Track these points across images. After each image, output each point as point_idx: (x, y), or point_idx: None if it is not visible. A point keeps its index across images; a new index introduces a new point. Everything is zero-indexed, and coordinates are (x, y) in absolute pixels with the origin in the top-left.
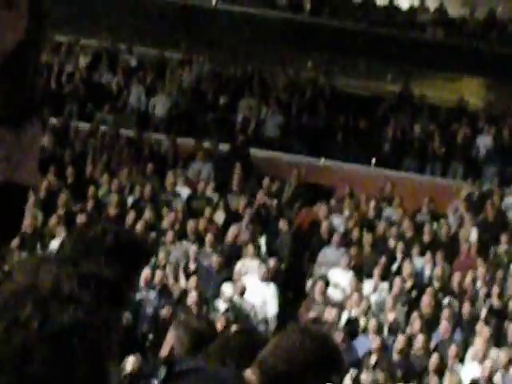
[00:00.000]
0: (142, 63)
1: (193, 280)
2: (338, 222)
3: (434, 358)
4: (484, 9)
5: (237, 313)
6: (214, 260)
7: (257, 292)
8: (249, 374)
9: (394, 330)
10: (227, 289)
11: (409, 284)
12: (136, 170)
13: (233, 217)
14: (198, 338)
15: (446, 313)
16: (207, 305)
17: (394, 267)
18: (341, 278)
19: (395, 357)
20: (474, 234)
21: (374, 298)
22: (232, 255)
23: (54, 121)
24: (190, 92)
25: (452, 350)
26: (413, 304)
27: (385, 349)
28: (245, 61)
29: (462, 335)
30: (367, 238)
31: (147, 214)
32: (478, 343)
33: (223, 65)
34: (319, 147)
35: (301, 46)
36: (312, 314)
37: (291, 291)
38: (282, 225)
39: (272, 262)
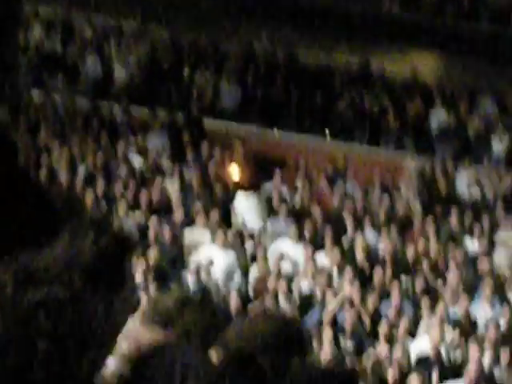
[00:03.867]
0: (97, 32)
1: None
2: (288, 193)
3: (384, 328)
4: None
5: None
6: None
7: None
8: (213, 354)
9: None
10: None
11: (361, 257)
12: (89, 139)
13: (187, 187)
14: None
15: (396, 286)
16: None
17: (346, 240)
18: (290, 250)
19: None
20: (422, 208)
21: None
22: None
23: (7, 90)
24: (145, 62)
25: (403, 322)
26: (365, 277)
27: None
28: (201, 31)
29: (412, 310)
30: (318, 211)
31: (99, 183)
32: (429, 318)
33: (179, 35)
34: (273, 119)
35: (257, 17)
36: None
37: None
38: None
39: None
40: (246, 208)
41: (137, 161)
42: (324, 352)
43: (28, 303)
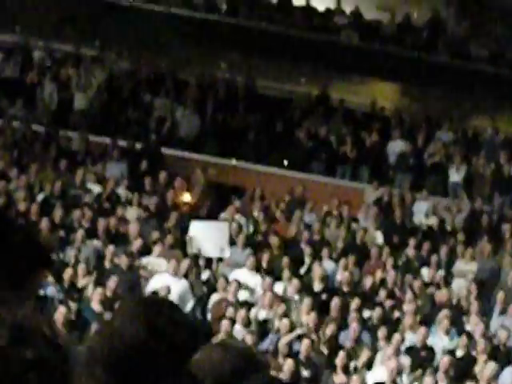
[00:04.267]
0: (55, 59)
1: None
2: (246, 222)
3: (342, 358)
4: (400, 13)
5: None
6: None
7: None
8: None
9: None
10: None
11: (319, 287)
12: (47, 167)
13: (147, 215)
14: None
15: (354, 316)
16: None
17: (303, 270)
18: (248, 279)
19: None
20: (381, 238)
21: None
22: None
23: None
24: (104, 90)
25: (364, 352)
26: (322, 307)
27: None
28: (159, 60)
29: (370, 339)
30: (275, 241)
31: (57, 211)
32: (387, 348)
33: (138, 63)
34: (232, 148)
35: (216, 45)
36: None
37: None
38: None
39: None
40: (202, 236)
41: (95, 189)
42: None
43: (21, 360)
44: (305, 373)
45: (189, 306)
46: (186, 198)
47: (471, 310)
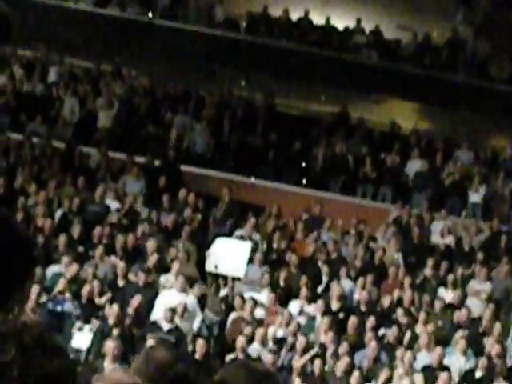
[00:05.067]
0: (76, 75)
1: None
2: (261, 240)
3: (356, 378)
4: (420, 33)
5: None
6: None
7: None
8: None
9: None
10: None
11: (336, 306)
12: (66, 183)
13: (165, 233)
14: (161, 371)
15: (370, 336)
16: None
17: (320, 289)
18: (263, 297)
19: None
20: (400, 258)
21: (300, 319)
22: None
23: None
24: (124, 106)
25: (383, 373)
26: (339, 326)
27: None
28: (179, 77)
29: (387, 358)
30: (294, 259)
31: (75, 227)
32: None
33: (158, 80)
34: (251, 166)
35: (236, 63)
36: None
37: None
38: None
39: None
40: (222, 254)
41: (114, 205)
42: None
43: None
44: None
45: (196, 322)
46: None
47: (488, 330)
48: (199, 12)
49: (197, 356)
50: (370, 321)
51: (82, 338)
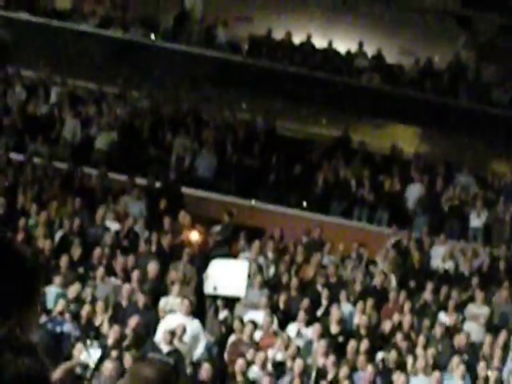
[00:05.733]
0: (78, 96)
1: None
2: (265, 263)
3: None
4: (421, 57)
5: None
6: (140, 298)
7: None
8: None
9: (322, 374)
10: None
11: (336, 329)
12: (67, 203)
13: (164, 254)
14: None
15: (363, 359)
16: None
17: (320, 312)
18: (262, 320)
19: None
20: (393, 280)
21: (298, 342)
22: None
23: None
24: (125, 128)
25: None
26: (339, 349)
27: None
28: (181, 99)
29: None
30: (294, 282)
31: (75, 248)
32: None
33: (160, 101)
34: (251, 188)
35: (237, 86)
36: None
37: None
38: None
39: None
40: (220, 274)
41: (114, 227)
42: None
43: None
44: None
45: (201, 346)
46: (194, 236)
47: (486, 355)
48: (201, 34)
49: (201, 379)
50: (364, 343)
51: (90, 355)
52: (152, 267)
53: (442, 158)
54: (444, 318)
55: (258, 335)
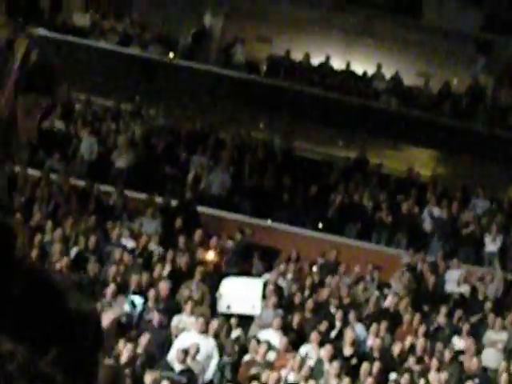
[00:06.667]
0: (95, 113)
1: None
2: (282, 284)
3: None
4: (439, 80)
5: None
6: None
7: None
8: None
9: None
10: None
11: (349, 351)
12: (83, 220)
13: (179, 273)
14: None
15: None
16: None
17: (333, 334)
18: (275, 340)
19: None
20: (411, 304)
21: (311, 363)
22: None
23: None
24: (142, 145)
25: None
26: (352, 371)
27: None
28: (199, 117)
29: None
30: (309, 303)
31: (91, 265)
32: None
33: (177, 120)
34: (267, 208)
35: (255, 106)
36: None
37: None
38: None
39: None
40: (233, 293)
41: (129, 244)
42: None
43: None
44: None
45: (213, 365)
46: (210, 255)
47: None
48: (220, 53)
49: None
50: (376, 366)
51: None
52: (163, 286)
53: (458, 181)
54: (457, 342)
55: (271, 355)
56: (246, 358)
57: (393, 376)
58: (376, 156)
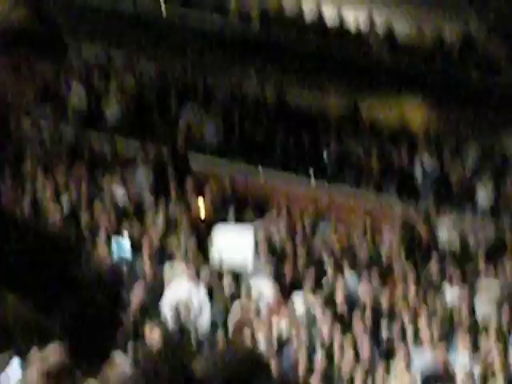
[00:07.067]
0: (84, 62)
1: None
2: (273, 232)
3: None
4: (431, 29)
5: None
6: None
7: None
8: None
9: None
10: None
11: (341, 299)
12: (74, 169)
13: (170, 221)
14: None
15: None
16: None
17: (325, 281)
18: (266, 287)
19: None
20: (404, 253)
21: (303, 311)
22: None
23: None
24: (133, 94)
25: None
26: (344, 319)
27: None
28: (190, 66)
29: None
30: (301, 251)
31: (82, 214)
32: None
33: (168, 69)
34: (258, 157)
35: (247, 54)
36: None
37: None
38: None
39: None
40: (225, 242)
41: (120, 193)
42: None
43: None
44: None
45: (206, 313)
46: (201, 203)
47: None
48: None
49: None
50: (367, 313)
51: None
52: (155, 234)
53: (450, 130)
54: (449, 289)
55: (262, 303)
56: (237, 305)
57: (384, 323)
58: (368, 106)
